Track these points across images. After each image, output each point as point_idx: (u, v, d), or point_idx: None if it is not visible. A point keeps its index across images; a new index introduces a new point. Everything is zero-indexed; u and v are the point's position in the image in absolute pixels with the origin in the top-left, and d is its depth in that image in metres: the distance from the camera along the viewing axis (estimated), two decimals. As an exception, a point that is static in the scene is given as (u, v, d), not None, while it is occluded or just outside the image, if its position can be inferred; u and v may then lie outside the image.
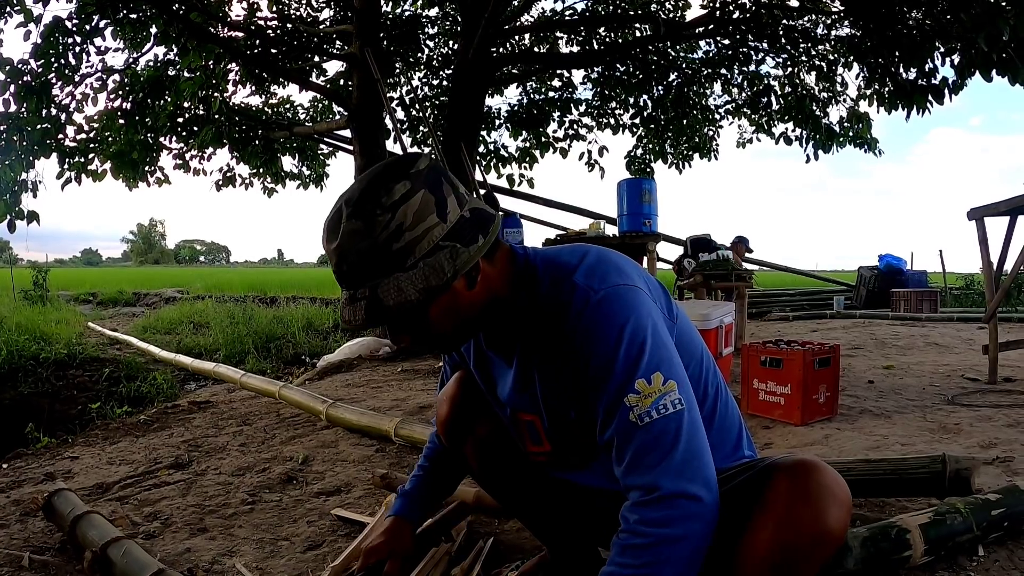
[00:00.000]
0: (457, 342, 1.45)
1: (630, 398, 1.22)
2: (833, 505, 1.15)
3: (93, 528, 2.18)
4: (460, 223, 1.28)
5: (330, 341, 9.51)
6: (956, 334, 7.89)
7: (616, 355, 1.24)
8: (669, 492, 1.18)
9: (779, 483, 1.19)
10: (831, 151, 10.06)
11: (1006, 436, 3.20)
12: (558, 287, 1.34)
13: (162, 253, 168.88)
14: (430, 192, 1.26)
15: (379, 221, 1.22)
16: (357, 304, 1.25)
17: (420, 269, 1.23)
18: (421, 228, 1.23)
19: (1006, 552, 1.91)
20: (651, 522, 1.17)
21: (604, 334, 1.26)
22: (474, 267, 1.30)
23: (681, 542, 1.16)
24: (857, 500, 2.37)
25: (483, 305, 1.37)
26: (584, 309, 1.28)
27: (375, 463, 3.19)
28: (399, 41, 10.90)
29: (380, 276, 1.23)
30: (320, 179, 12.80)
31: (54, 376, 7.32)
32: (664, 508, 1.18)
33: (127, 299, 19.54)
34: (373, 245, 1.22)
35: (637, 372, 1.23)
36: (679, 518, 1.17)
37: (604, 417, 1.26)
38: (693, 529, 1.17)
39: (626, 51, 10.44)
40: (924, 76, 6.94)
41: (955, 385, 4.63)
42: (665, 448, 1.20)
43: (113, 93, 8.90)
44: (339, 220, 1.26)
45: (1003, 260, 4.89)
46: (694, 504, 1.18)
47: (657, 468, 1.19)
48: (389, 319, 1.26)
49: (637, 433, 1.21)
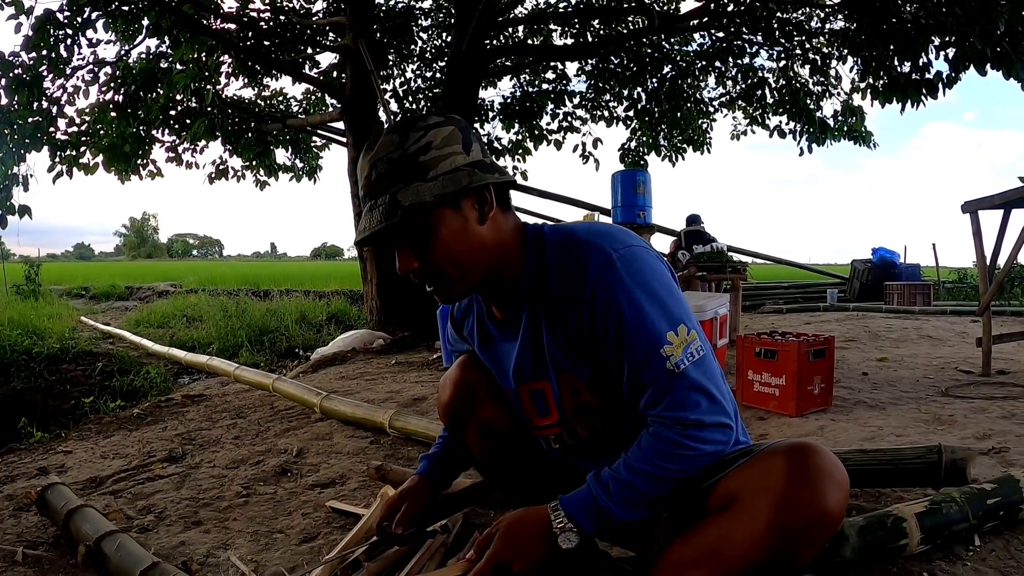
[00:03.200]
0: (459, 281, 1.44)
1: (665, 349, 1.31)
2: (831, 486, 1.18)
3: (87, 522, 2.17)
4: (482, 162, 1.39)
5: (323, 334, 9.51)
6: (949, 327, 7.92)
7: (646, 310, 1.31)
8: (711, 423, 1.32)
9: (779, 465, 1.21)
10: (825, 144, 10.06)
11: (1000, 427, 3.21)
12: (571, 247, 1.40)
13: (155, 247, 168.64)
14: (459, 131, 1.38)
15: (412, 136, 1.34)
16: (376, 210, 1.34)
17: (439, 181, 1.32)
18: (446, 150, 1.35)
19: (1002, 541, 1.91)
20: (697, 439, 1.31)
21: (630, 291, 1.32)
22: (487, 199, 1.40)
23: (709, 457, 1.33)
24: (853, 490, 2.38)
25: (491, 250, 1.42)
26: (606, 266, 1.33)
27: (370, 455, 3.18)
28: (392, 33, 10.86)
29: (402, 182, 1.33)
30: (313, 172, 12.76)
31: (47, 371, 7.29)
32: (710, 431, 1.32)
33: (120, 293, 19.48)
34: (403, 155, 1.33)
35: (666, 323, 1.32)
36: (713, 440, 1.32)
37: (636, 368, 1.34)
38: (720, 448, 1.34)
39: (620, 43, 10.42)
40: (918, 70, 6.93)
41: (949, 377, 4.65)
42: (701, 390, 1.32)
43: (105, 86, 8.83)
44: (378, 137, 1.39)
45: (997, 253, 4.90)
46: (727, 432, 1.34)
47: (699, 408, 1.31)
48: (402, 224, 1.32)
49: (675, 380, 1.31)
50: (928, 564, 1.81)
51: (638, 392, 1.35)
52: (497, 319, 1.59)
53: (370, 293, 8.58)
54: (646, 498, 1.33)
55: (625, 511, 1.34)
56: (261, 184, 12.00)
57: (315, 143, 12.34)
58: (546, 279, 1.42)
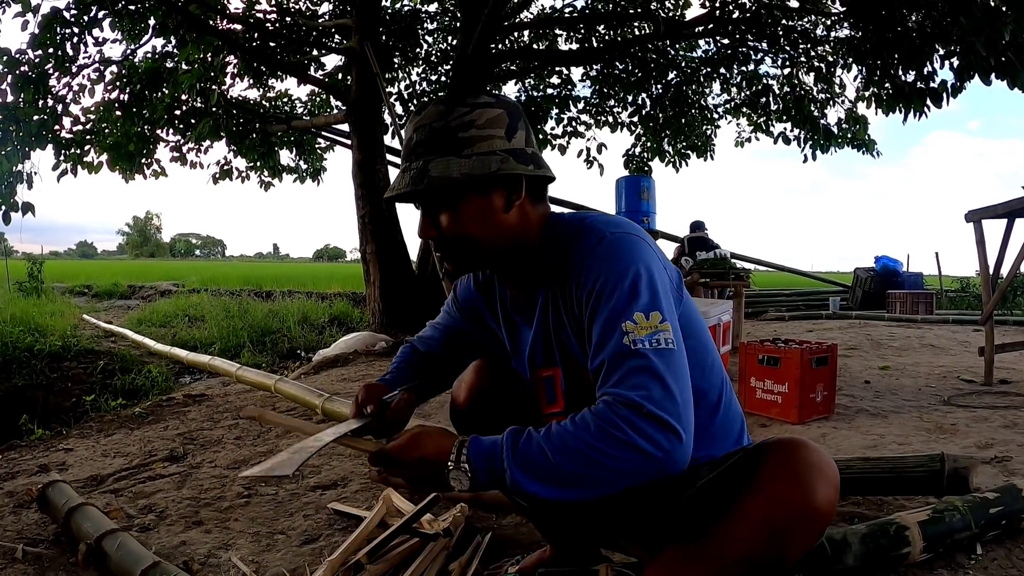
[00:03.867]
0: (473, 258, 1.46)
1: (627, 324, 1.23)
2: (820, 481, 1.15)
3: (88, 520, 2.17)
4: (521, 151, 1.39)
5: (325, 335, 9.50)
6: (952, 336, 7.91)
7: (619, 284, 1.28)
8: (653, 414, 1.15)
9: (767, 461, 1.19)
10: (829, 152, 10.07)
11: (1002, 437, 3.21)
12: (578, 231, 1.40)
13: (157, 246, 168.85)
14: (508, 115, 1.39)
15: (458, 110, 1.36)
16: (407, 173, 1.37)
17: (471, 160, 1.34)
18: (487, 132, 1.36)
19: (1004, 550, 1.91)
20: (632, 425, 1.14)
21: (610, 266, 1.30)
22: (516, 189, 1.40)
23: (637, 458, 1.13)
24: (855, 498, 2.38)
25: (511, 237, 1.43)
26: (597, 245, 1.33)
27: (371, 457, 3.17)
28: (398, 36, 10.88)
29: (437, 154, 1.35)
30: (317, 173, 12.80)
31: (48, 368, 7.28)
32: (649, 424, 1.14)
33: (122, 292, 19.47)
34: (444, 126, 1.35)
35: (636, 304, 1.26)
36: (649, 436, 1.13)
37: (599, 339, 1.26)
38: (654, 457, 1.13)
39: (625, 49, 10.43)
40: (923, 79, 6.93)
41: (951, 386, 4.64)
42: (656, 377, 1.18)
43: (110, 85, 8.87)
44: (428, 105, 1.40)
45: (1000, 262, 4.90)
46: (669, 437, 1.14)
47: (646, 392, 1.17)
48: (427, 191, 1.36)
49: (630, 358, 1.20)
50: (930, 572, 1.81)
51: (596, 372, 1.26)
52: (516, 304, 1.59)
53: (373, 295, 8.58)
54: (550, 470, 1.16)
55: (522, 474, 1.17)
56: (265, 185, 12.04)
57: (319, 145, 12.37)
58: (557, 262, 1.42)
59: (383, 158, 8.75)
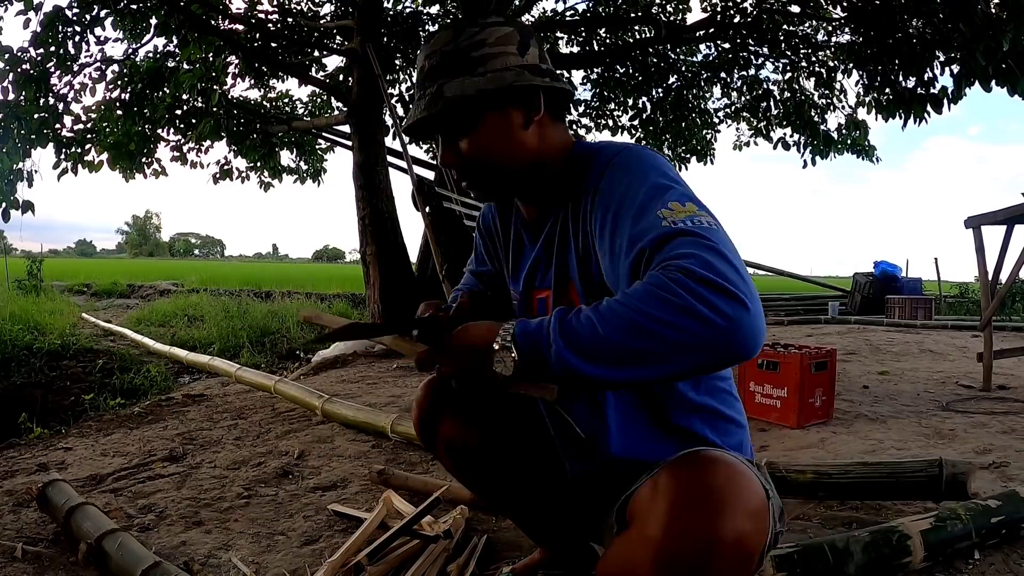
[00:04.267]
0: (496, 180, 1.43)
1: (663, 211, 1.11)
2: (729, 509, 1.00)
3: (88, 519, 2.17)
4: (535, 66, 1.37)
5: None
6: (951, 341, 7.92)
7: (646, 181, 1.20)
8: (715, 280, 0.97)
9: (668, 482, 1.06)
10: (828, 157, 10.08)
11: (1001, 442, 3.22)
12: (600, 147, 1.38)
13: (157, 245, 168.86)
14: (519, 32, 1.37)
15: (468, 31, 1.34)
16: (421, 100, 1.35)
17: (485, 77, 1.32)
18: (499, 49, 1.34)
19: (1001, 556, 1.92)
20: (691, 290, 0.96)
21: (636, 168, 1.25)
22: (534, 104, 1.37)
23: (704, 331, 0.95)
24: (854, 502, 2.38)
25: (532, 156, 1.40)
26: (617, 155, 1.31)
27: (372, 459, 3.18)
28: (400, 38, 10.88)
29: (449, 76, 1.33)
30: (317, 174, 12.80)
31: (47, 367, 7.27)
32: (706, 288, 0.96)
33: (121, 291, 19.45)
34: (455, 48, 1.34)
35: (669, 195, 1.15)
36: (714, 305, 0.95)
37: (632, 233, 1.13)
38: (720, 329, 0.95)
39: (626, 53, 10.45)
40: (923, 85, 6.95)
41: (950, 392, 4.65)
42: (709, 248, 1.03)
43: (112, 84, 8.88)
44: (437, 32, 1.40)
45: (999, 268, 4.91)
46: (737, 306, 0.96)
47: (701, 259, 1.00)
48: (442, 115, 1.34)
49: (675, 236, 1.06)
50: (929, 579, 1.82)
51: (635, 265, 1.10)
52: (527, 222, 1.56)
53: (372, 297, 8.58)
54: (599, 345, 1.00)
55: (569, 351, 1.01)
56: (265, 185, 12.04)
57: (320, 145, 12.38)
58: (576, 179, 1.38)
59: (384, 160, 8.75)
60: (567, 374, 1.02)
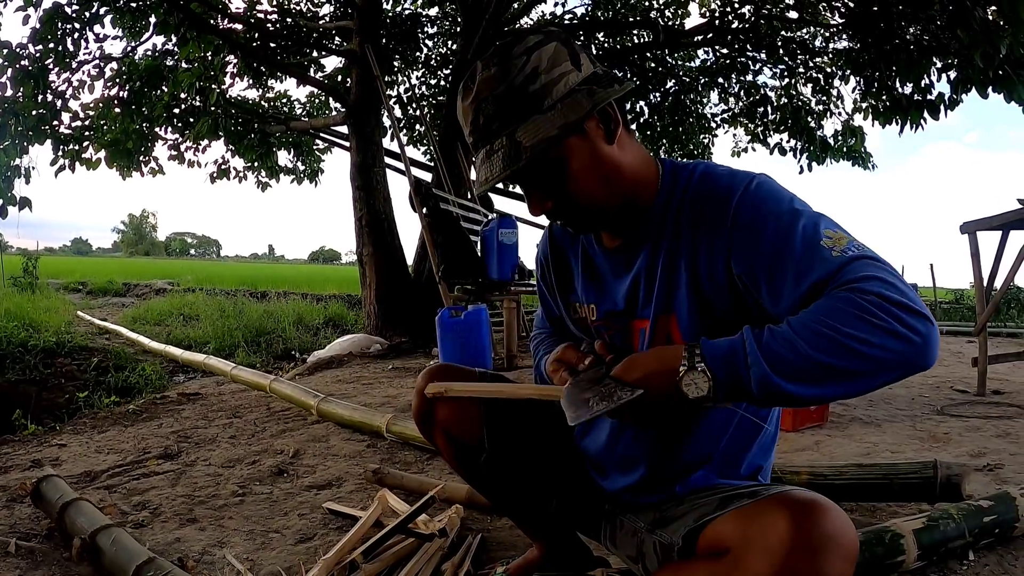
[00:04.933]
0: (597, 214, 1.32)
1: (824, 242, 1.12)
2: (836, 556, 1.01)
3: (82, 515, 2.16)
4: (594, 75, 1.25)
5: (320, 337, 9.48)
6: (945, 347, 7.94)
7: (795, 215, 1.17)
8: (905, 301, 1.02)
9: (780, 523, 1.04)
10: (825, 163, 10.10)
11: (995, 446, 3.23)
12: (713, 177, 1.29)
13: (152, 245, 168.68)
14: (563, 45, 1.24)
15: (514, 64, 1.20)
16: (494, 156, 1.22)
17: (558, 110, 1.19)
18: (556, 72, 1.21)
19: (995, 557, 1.92)
20: (889, 312, 1.01)
21: (776, 203, 1.19)
22: (612, 115, 1.26)
23: (905, 348, 1.01)
24: (849, 504, 2.39)
25: (626, 175, 1.30)
26: (751, 187, 1.22)
27: (366, 458, 3.18)
28: (399, 39, 10.90)
29: (518, 121, 1.20)
30: (315, 175, 12.79)
31: (42, 364, 7.24)
32: (901, 309, 1.01)
33: (117, 289, 19.42)
34: (510, 88, 1.20)
35: (821, 224, 1.15)
36: (907, 323, 1.01)
37: (798, 268, 1.12)
38: (918, 346, 1.01)
39: (624, 57, 10.47)
40: (920, 91, 6.98)
41: (944, 396, 4.66)
42: (883, 268, 1.07)
43: (110, 81, 8.89)
44: (474, 75, 1.25)
45: (994, 274, 4.92)
46: (928, 324, 1.03)
47: (884, 283, 1.04)
48: (528, 166, 1.21)
49: (848, 263, 1.08)
50: (923, 580, 1.82)
51: (809, 295, 1.11)
52: (608, 249, 1.44)
53: (368, 298, 8.58)
54: (801, 365, 1.02)
55: (775, 369, 1.03)
56: (262, 185, 12.03)
57: (317, 146, 12.37)
58: (683, 209, 1.30)
59: (382, 161, 8.76)
60: (767, 392, 1.05)
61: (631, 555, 1.49)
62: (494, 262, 6.14)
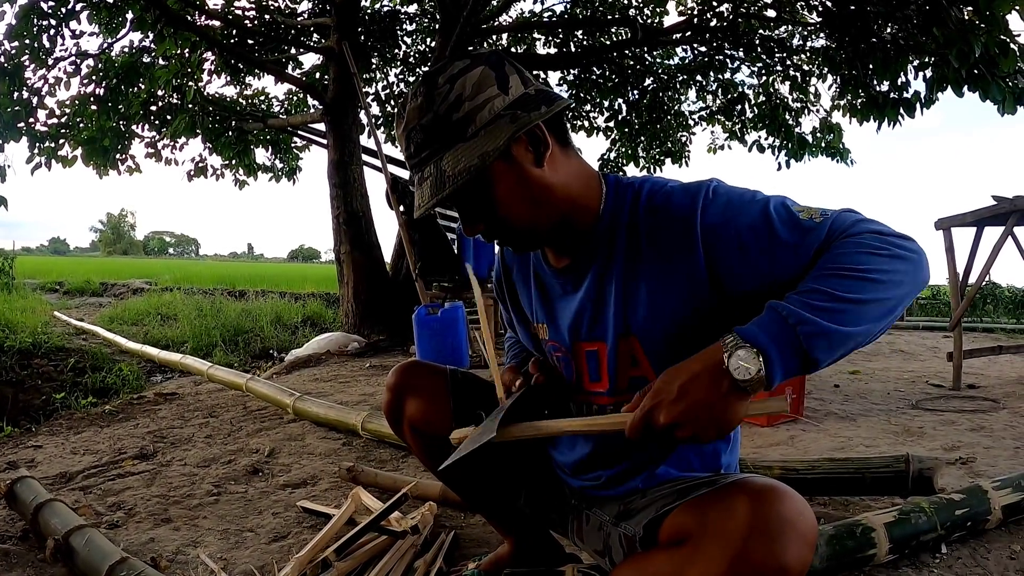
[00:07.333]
0: (530, 235, 1.32)
1: (802, 214, 1.18)
2: (794, 540, 1.03)
3: (56, 516, 2.15)
4: (524, 97, 1.25)
5: (298, 336, 9.45)
6: (921, 342, 8.03)
7: (762, 201, 1.21)
8: (893, 231, 1.15)
9: (738, 509, 1.06)
10: (803, 160, 10.15)
11: (969, 439, 3.27)
12: (665, 191, 1.29)
13: (131, 244, 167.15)
14: (490, 68, 1.24)
15: (439, 93, 1.21)
16: (424, 184, 1.24)
17: (480, 137, 1.20)
18: (481, 98, 1.21)
19: (968, 550, 1.95)
20: (889, 243, 1.12)
21: (740, 204, 1.21)
22: (541, 140, 1.25)
23: (914, 268, 1.12)
24: (822, 499, 2.41)
25: (558, 195, 1.29)
26: (711, 193, 1.24)
27: (342, 456, 3.17)
28: (377, 36, 10.86)
29: (443, 149, 1.22)
30: (293, 172, 12.72)
31: (18, 365, 7.16)
32: (895, 236, 1.14)
33: (94, 289, 19.22)
34: (434, 117, 1.22)
35: (787, 202, 1.21)
36: (911, 248, 1.13)
37: (796, 247, 1.15)
38: (921, 264, 1.13)
39: (603, 55, 10.48)
40: (896, 89, 7.04)
41: (919, 391, 4.71)
42: (863, 215, 1.19)
43: (86, 78, 8.78)
44: (406, 103, 1.26)
45: (969, 270, 4.98)
46: (917, 245, 1.15)
47: (869, 224, 1.16)
48: (454, 193, 1.22)
49: (835, 220, 1.17)
50: (895, 572, 1.84)
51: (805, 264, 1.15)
52: (555, 268, 1.44)
53: (346, 296, 8.55)
54: (844, 304, 1.04)
55: (822, 316, 1.04)
56: (240, 183, 11.95)
57: (295, 144, 12.29)
58: (635, 227, 1.29)
59: (359, 158, 8.72)
60: (824, 343, 1.04)
61: (598, 549, 1.48)
62: (471, 259, 6.14)
